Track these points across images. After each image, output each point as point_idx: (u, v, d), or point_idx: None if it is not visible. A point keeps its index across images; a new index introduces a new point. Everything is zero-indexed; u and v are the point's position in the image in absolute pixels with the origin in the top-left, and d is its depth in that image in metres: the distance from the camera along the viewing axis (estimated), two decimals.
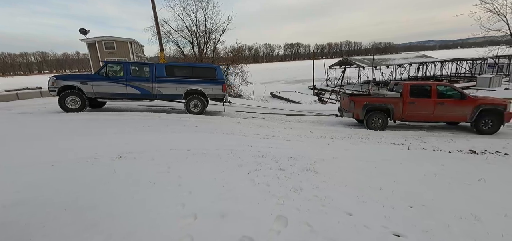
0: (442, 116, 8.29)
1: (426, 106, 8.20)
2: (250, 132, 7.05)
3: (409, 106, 8.28)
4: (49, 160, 3.56)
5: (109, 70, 8.50)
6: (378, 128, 8.47)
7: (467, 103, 7.96)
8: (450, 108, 8.11)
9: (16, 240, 1.88)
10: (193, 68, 9.32)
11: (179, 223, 2.10)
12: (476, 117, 7.91)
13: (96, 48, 20.90)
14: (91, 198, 2.48)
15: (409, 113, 8.36)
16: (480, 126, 7.94)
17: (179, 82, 8.98)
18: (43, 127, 6.23)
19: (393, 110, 8.41)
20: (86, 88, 8.26)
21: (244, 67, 23.08)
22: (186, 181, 2.95)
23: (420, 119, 8.50)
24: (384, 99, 8.66)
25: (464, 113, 8.04)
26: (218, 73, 9.44)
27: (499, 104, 7.90)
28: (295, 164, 3.97)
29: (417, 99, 8.24)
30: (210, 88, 9.25)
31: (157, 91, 8.83)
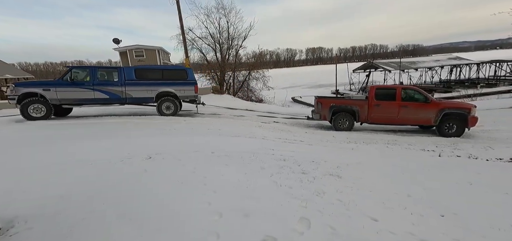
0: (407, 119, 8.34)
1: (390, 109, 8.33)
2: (272, 136, 7.10)
3: (374, 108, 8.46)
4: (88, 159, 3.89)
5: (74, 75, 8.19)
6: (345, 129, 8.71)
7: (431, 107, 8.01)
8: (414, 111, 8.18)
9: (64, 227, 2.09)
10: (163, 71, 9.35)
11: (206, 220, 2.21)
12: (440, 121, 7.92)
13: (127, 56, 22.31)
14: (125, 194, 2.68)
15: (374, 115, 8.53)
16: (443, 129, 7.93)
17: (150, 84, 8.88)
18: (79, 129, 6.78)
19: (358, 112, 8.61)
20: (49, 95, 7.86)
21: (266, 72, 23.21)
22: (210, 181, 3.07)
23: (385, 122, 8.64)
24: (350, 101, 8.92)
25: (428, 117, 8.07)
26: (190, 75, 9.52)
27: (463, 108, 7.88)
28: (317, 168, 3.94)
29: (382, 101, 8.39)
30: (182, 90, 9.29)
31: (127, 95, 8.68)
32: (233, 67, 22.15)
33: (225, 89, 21.48)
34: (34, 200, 2.57)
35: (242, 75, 23.07)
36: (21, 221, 2.20)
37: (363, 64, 33.45)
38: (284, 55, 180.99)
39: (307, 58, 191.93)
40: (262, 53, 24.84)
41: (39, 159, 4.06)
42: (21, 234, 2.03)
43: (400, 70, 29.23)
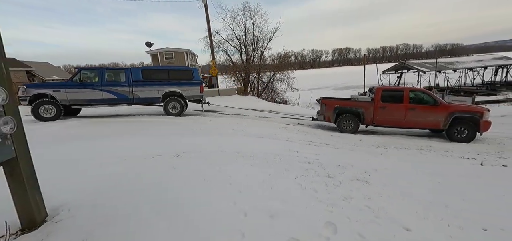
0: (414, 122, 8.09)
1: (397, 111, 8.13)
2: (296, 138, 7.01)
3: (380, 110, 8.29)
4: (122, 155, 4.15)
5: (83, 76, 8.41)
6: (350, 131, 8.57)
7: (440, 110, 7.71)
8: (422, 114, 7.92)
9: (102, 217, 2.25)
10: (169, 71, 9.43)
11: (231, 218, 2.24)
12: (449, 124, 7.61)
13: (158, 58, 23.50)
14: (156, 189, 2.82)
15: (380, 117, 8.36)
16: (453, 133, 7.61)
17: (156, 85, 9.00)
18: (110, 127, 7.26)
19: (363, 114, 8.47)
20: (59, 96, 8.07)
21: (290, 73, 23.02)
22: (235, 180, 3.11)
23: (391, 124, 8.41)
24: (355, 103, 8.74)
25: (437, 120, 7.78)
26: (195, 75, 9.56)
27: (475, 111, 7.47)
28: (344, 172, 3.82)
29: (388, 104, 8.21)
30: (188, 90, 9.37)
31: (134, 95, 8.84)
32: (257, 68, 22.28)
33: (250, 90, 21.66)
34: (76, 191, 2.79)
35: (267, 76, 23.11)
36: (65, 209, 2.41)
37: (394, 65, 31.70)
38: (309, 57, 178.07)
39: (334, 59, 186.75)
40: (287, 54, 24.69)
41: (80, 154, 4.42)
42: (65, 221, 2.22)
43: (436, 71, 27.27)
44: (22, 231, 2.16)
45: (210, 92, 19.31)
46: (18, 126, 1.91)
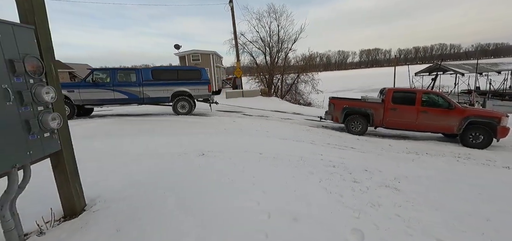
0: (426, 125, 7.80)
1: (408, 114, 7.88)
2: (320, 140, 6.86)
3: (390, 112, 8.06)
4: (152, 152, 4.37)
5: (96, 77, 8.61)
6: (358, 133, 8.38)
7: (454, 113, 7.41)
8: (435, 117, 7.63)
9: (134, 209, 2.39)
10: (178, 71, 9.49)
11: (254, 218, 2.26)
12: (464, 129, 7.24)
13: (185, 60, 24.37)
14: (182, 186, 2.92)
15: (390, 119, 8.12)
16: (467, 139, 7.23)
17: (166, 84, 9.12)
18: (139, 125, 7.66)
19: (373, 115, 8.26)
20: (73, 96, 8.30)
21: (315, 75, 22.59)
22: (259, 181, 3.12)
23: (402, 127, 8.16)
24: (364, 104, 8.51)
25: (450, 124, 7.47)
26: (203, 75, 9.56)
27: (492, 116, 7.08)
28: (371, 178, 3.66)
29: (399, 105, 7.96)
30: (196, 89, 9.41)
31: (145, 95, 8.99)
32: (281, 70, 22.19)
33: (273, 92, 21.63)
34: (111, 184, 3.00)
35: (291, 78, 22.92)
36: (101, 200, 2.60)
37: (428, 66, 29.67)
38: (335, 58, 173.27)
39: (361, 61, 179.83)
40: (312, 55, 24.27)
41: (114, 150, 4.73)
42: (101, 211, 2.39)
43: (476, 73, 25.10)
44: (64, 218, 2.36)
45: (234, 93, 19.59)
46: (63, 122, 2.10)
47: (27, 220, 2.12)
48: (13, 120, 1.68)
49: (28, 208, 2.21)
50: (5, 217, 1.83)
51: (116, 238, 1.99)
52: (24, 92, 1.74)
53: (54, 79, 2.06)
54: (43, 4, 1.99)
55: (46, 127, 1.91)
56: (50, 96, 1.89)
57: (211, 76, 24.71)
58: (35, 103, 1.84)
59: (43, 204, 2.37)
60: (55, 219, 2.31)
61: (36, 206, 2.34)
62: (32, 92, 1.80)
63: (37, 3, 1.93)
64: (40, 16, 1.95)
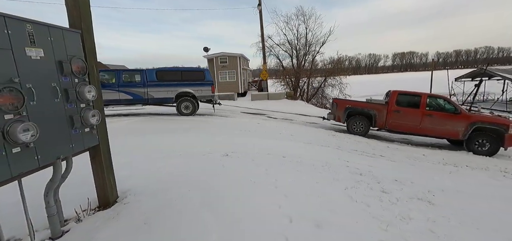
0: (430, 129, 7.70)
1: (412, 117, 7.80)
2: (347, 146, 6.63)
3: (394, 114, 8.01)
4: (179, 151, 4.55)
5: (101, 78, 8.58)
6: (359, 133, 8.43)
7: (460, 118, 7.28)
8: (440, 121, 7.53)
9: (162, 204, 2.51)
10: (182, 72, 9.46)
11: (276, 222, 2.24)
12: (469, 135, 7.12)
13: (213, 62, 25.06)
14: (206, 185, 3.00)
15: (393, 121, 8.08)
16: (473, 146, 7.10)
17: (170, 85, 9.17)
18: (168, 125, 8.00)
19: (375, 116, 8.25)
20: None
21: (343, 78, 21.90)
22: (282, 184, 3.10)
23: (405, 130, 8.07)
24: (367, 104, 8.54)
25: (456, 129, 7.34)
26: (207, 76, 9.49)
27: (500, 123, 6.88)
28: (402, 189, 3.44)
29: (403, 108, 7.92)
30: (200, 90, 9.37)
31: (149, 96, 9.08)
32: (308, 73, 21.85)
33: (299, 95, 21.36)
34: (141, 179, 3.18)
35: (317, 81, 22.47)
36: (132, 194, 2.76)
37: (472, 71, 27.14)
38: (365, 61, 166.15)
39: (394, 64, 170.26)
40: (341, 59, 23.56)
41: (144, 146, 5.01)
42: (131, 204, 2.55)
43: None
44: (98, 208, 2.55)
45: (259, 95, 19.69)
46: (102, 118, 2.27)
47: (67, 207, 2.32)
48: (59, 116, 1.86)
49: (68, 196, 2.41)
50: (49, 203, 2.03)
51: (144, 230, 2.10)
52: (70, 90, 1.92)
53: (95, 79, 2.24)
54: (89, 11, 2.18)
55: (87, 123, 2.08)
56: (91, 94, 2.07)
57: (238, 79, 25.09)
58: (79, 100, 2.02)
59: (80, 194, 2.58)
60: (91, 208, 2.51)
61: (75, 195, 2.55)
62: (76, 91, 1.98)
63: (84, 10, 2.12)
64: (86, 22, 2.14)
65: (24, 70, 1.58)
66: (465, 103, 21.41)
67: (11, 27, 1.51)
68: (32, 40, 1.64)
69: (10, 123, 1.48)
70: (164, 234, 2.05)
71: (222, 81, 25.25)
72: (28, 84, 1.61)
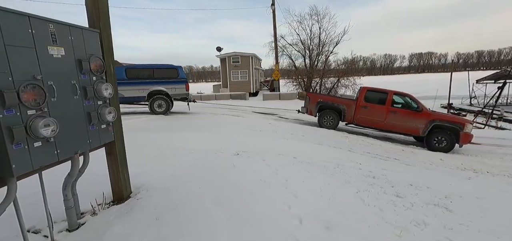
0: (393, 125, 8.13)
1: (378, 113, 8.20)
2: (360, 149, 6.49)
3: (361, 109, 8.40)
4: (190, 149, 4.62)
5: None
6: (330, 127, 8.86)
7: (421, 116, 7.73)
8: (403, 118, 7.96)
9: (173, 200, 2.56)
10: (154, 69, 9.12)
11: (285, 222, 2.23)
12: (429, 132, 7.60)
13: (225, 62, 25.27)
14: (217, 183, 3.03)
15: (361, 116, 8.45)
16: (431, 142, 7.56)
17: (141, 83, 8.85)
18: (180, 123, 8.12)
19: (344, 111, 8.65)
20: None
21: (357, 79, 21.47)
22: (292, 185, 3.08)
23: (371, 125, 8.50)
24: (338, 99, 9.08)
25: (417, 126, 7.80)
26: (180, 73, 9.21)
27: (456, 122, 7.47)
28: (417, 194, 3.33)
29: (370, 104, 8.30)
30: (173, 88, 9.12)
31: (119, 94, 8.87)
32: (321, 73, 21.58)
33: None
34: (153, 175, 3.25)
35: (330, 82, 22.15)
36: (144, 189, 2.83)
37: (495, 73, 25.90)
38: (380, 62, 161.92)
39: (411, 65, 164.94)
40: (355, 59, 23.12)
41: (156, 143, 5.11)
42: (144, 199, 2.61)
43: None
44: (113, 202, 2.63)
45: (271, 95, 19.65)
46: (117, 115, 2.34)
47: (83, 200, 2.41)
48: (78, 112, 1.94)
49: (84, 190, 2.50)
50: (67, 196, 2.11)
51: (155, 226, 2.14)
52: (88, 87, 1.99)
53: (112, 77, 2.31)
54: (107, 11, 2.25)
55: (103, 119, 2.15)
56: (108, 92, 2.13)
57: (250, 78, 25.17)
58: (96, 97, 2.09)
59: (96, 189, 2.67)
60: (106, 202, 2.59)
61: (90, 190, 2.64)
62: (94, 88, 2.05)
63: (103, 10, 2.20)
64: (104, 21, 2.21)
65: (46, 68, 1.66)
66: (486, 106, 20.44)
67: (35, 27, 1.59)
68: (54, 39, 1.71)
69: (32, 118, 1.55)
70: (175, 230, 2.09)
71: (234, 81, 25.42)
72: (50, 81, 1.68)
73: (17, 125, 1.47)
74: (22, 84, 1.49)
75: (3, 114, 1.41)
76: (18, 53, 1.49)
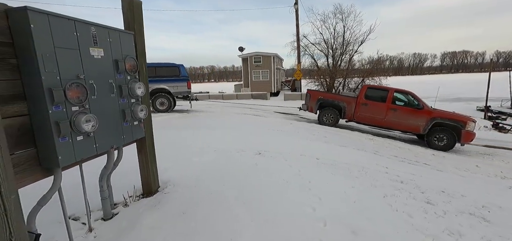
0: (394, 122, 8.14)
1: (378, 110, 8.21)
2: (386, 152, 6.23)
3: (361, 107, 8.45)
4: (214, 147, 4.72)
5: None
6: (330, 124, 8.91)
7: (421, 114, 7.71)
8: (403, 116, 7.95)
9: (198, 196, 2.64)
10: (156, 68, 9.09)
11: (309, 224, 2.21)
12: (429, 130, 7.56)
13: (247, 62, 25.47)
14: (240, 181, 3.08)
15: (361, 114, 8.51)
16: (432, 140, 7.53)
17: None
18: (205, 121, 8.31)
19: (345, 108, 8.74)
20: None
21: (383, 79, 20.56)
22: (315, 187, 3.04)
23: (371, 122, 8.53)
24: (338, 97, 9.18)
25: (417, 124, 7.78)
26: (182, 71, 9.22)
27: (458, 120, 7.33)
28: (450, 201, 3.13)
29: (370, 101, 8.35)
30: (175, 86, 9.17)
31: None
32: (344, 73, 20.98)
33: None
34: (179, 171, 3.37)
35: (354, 82, 21.45)
36: (171, 185, 2.95)
37: None
38: (409, 61, 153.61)
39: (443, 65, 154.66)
40: (381, 58, 22.19)
41: (180, 142, 5.29)
42: (171, 194, 2.72)
43: None
44: (142, 195, 2.77)
45: (292, 95, 19.48)
46: (148, 113, 2.46)
47: (115, 192, 2.57)
48: (114, 109, 2.07)
49: (116, 183, 2.66)
50: (103, 187, 2.27)
51: (182, 219, 2.23)
52: (123, 86, 2.11)
53: (144, 77, 2.44)
54: (141, 14, 2.38)
55: (136, 116, 2.28)
56: (141, 90, 2.25)
57: (271, 78, 25.14)
58: (130, 96, 2.21)
59: (126, 182, 2.83)
60: (136, 195, 2.74)
61: (122, 183, 2.80)
62: (128, 87, 2.17)
63: (137, 13, 2.33)
64: (138, 24, 2.34)
65: (88, 68, 1.79)
66: None
67: (79, 30, 1.72)
68: (95, 41, 1.84)
69: (75, 114, 1.68)
70: (201, 225, 2.16)
71: (255, 80, 25.54)
72: (91, 80, 1.82)
73: (63, 120, 1.60)
74: (68, 83, 1.62)
75: (52, 110, 1.55)
76: (65, 55, 1.62)
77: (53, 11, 1.55)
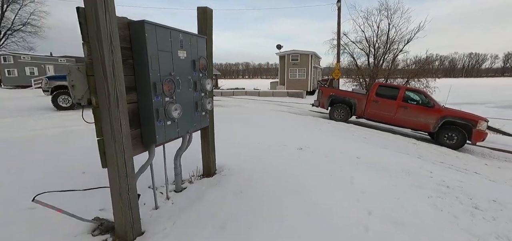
0: (404, 120, 8.26)
1: (388, 107, 8.41)
2: (430, 157, 5.99)
3: (372, 104, 8.67)
4: (257, 141, 5.09)
5: None
6: (340, 120, 9.19)
7: (432, 112, 7.81)
8: (413, 113, 8.07)
9: (247, 180, 3.01)
10: None
11: (354, 213, 2.42)
12: (439, 128, 7.65)
13: (284, 60, 25.61)
14: (284, 172, 3.38)
15: (371, 111, 8.73)
16: (442, 138, 7.63)
17: None
18: (247, 117, 8.74)
19: (355, 105, 9.04)
20: None
21: (431, 81, 19.03)
22: (358, 182, 3.21)
23: (381, 119, 8.67)
24: (349, 93, 9.38)
25: (427, 122, 7.88)
26: None
27: (469, 118, 7.34)
28: (501, 210, 3.05)
29: (381, 99, 8.53)
30: None
31: None
32: (386, 73, 19.90)
33: None
34: (231, 159, 3.79)
35: (397, 83, 20.22)
36: (226, 169, 3.37)
37: None
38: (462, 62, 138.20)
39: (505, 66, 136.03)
40: (429, 58, 20.55)
41: (230, 134, 5.76)
42: (228, 176, 3.14)
43: None
44: (203, 176, 3.23)
45: None
46: (212, 105, 2.89)
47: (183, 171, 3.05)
48: (190, 101, 2.51)
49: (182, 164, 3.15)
50: (177, 165, 2.75)
51: (240, 197, 2.61)
52: (197, 82, 2.55)
53: (211, 74, 2.87)
54: (211, 20, 2.80)
55: (204, 108, 2.71)
56: (210, 86, 2.68)
57: (308, 76, 24.93)
58: (201, 90, 2.65)
59: (188, 165, 3.31)
60: (198, 175, 3.21)
61: (185, 164, 3.30)
62: (200, 83, 2.61)
63: (209, 20, 2.76)
64: (209, 29, 2.77)
65: (176, 67, 2.24)
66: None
67: (172, 36, 2.17)
68: (181, 45, 2.28)
69: (167, 104, 2.14)
70: (256, 203, 2.51)
71: (291, 78, 25.57)
72: (177, 76, 2.26)
73: (160, 108, 2.06)
74: (164, 79, 2.08)
75: (154, 100, 2.01)
76: (163, 56, 2.08)
77: (158, 22, 2.00)
